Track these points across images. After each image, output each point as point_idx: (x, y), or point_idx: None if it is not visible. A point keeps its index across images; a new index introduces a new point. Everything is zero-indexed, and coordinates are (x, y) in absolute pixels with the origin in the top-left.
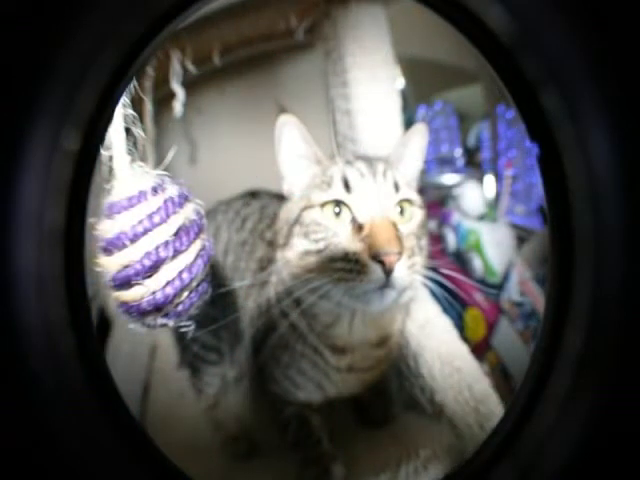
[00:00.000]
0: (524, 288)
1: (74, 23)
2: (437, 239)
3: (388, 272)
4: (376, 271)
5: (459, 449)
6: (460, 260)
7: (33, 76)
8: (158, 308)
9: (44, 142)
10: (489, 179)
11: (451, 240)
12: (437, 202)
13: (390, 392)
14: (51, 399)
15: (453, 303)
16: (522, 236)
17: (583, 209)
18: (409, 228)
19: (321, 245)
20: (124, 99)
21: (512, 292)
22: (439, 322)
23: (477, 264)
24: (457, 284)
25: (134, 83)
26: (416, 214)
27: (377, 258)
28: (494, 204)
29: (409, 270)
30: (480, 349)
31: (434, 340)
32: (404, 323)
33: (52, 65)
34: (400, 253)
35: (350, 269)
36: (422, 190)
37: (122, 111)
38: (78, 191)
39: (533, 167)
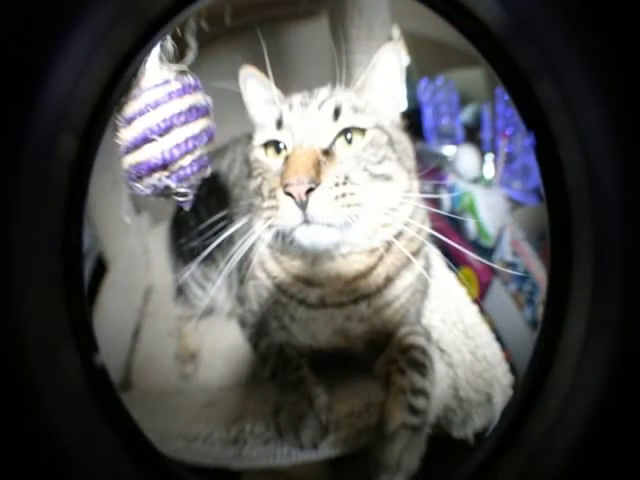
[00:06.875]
0: (516, 248)
1: (71, 26)
2: (432, 200)
3: (303, 206)
4: (287, 205)
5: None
6: (454, 222)
7: (31, 77)
8: (165, 165)
9: (43, 143)
10: (488, 157)
11: (445, 201)
12: (436, 169)
13: None
14: (50, 393)
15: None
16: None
17: (580, 194)
18: (349, 152)
19: (258, 181)
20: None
21: (504, 252)
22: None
23: (471, 225)
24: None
25: None
26: (361, 138)
27: (286, 191)
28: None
29: (336, 202)
30: None
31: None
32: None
33: (50, 65)
34: (314, 182)
35: (271, 207)
36: (420, 157)
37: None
38: (75, 194)
39: (530, 149)
